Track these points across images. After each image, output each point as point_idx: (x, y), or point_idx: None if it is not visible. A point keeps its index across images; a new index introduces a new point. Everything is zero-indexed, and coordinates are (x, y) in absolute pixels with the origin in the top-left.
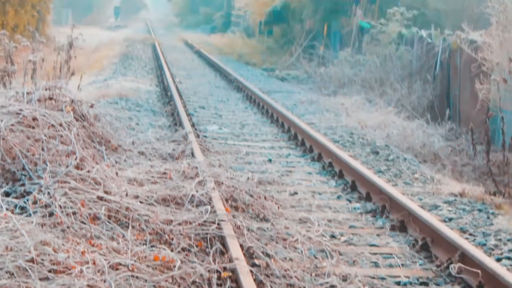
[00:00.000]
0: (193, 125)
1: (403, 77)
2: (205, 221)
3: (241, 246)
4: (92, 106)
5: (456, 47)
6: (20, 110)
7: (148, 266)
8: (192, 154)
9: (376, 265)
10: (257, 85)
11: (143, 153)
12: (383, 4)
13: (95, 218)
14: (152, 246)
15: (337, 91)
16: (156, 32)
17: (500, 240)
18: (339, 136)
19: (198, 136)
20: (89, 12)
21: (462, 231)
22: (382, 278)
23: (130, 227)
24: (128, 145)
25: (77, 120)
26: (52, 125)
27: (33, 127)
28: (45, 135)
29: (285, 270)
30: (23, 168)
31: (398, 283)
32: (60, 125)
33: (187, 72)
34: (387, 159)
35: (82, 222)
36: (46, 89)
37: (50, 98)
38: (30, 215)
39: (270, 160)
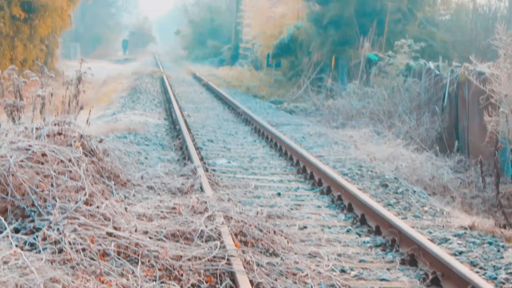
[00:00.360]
0: (201, 158)
1: (411, 109)
2: (214, 257)
3: (250, 281)
4: (101, 141)
5: (464, 79)
6: (30, 145)
7: None
8: (201, 189)
9: None
10: (266, 118)
11: (152, 187)
12: (390, 36)
13: (104, 255)
14: (161, 282)
15: (345, 124)
16: (164, 65)
17: (510, 273)
18: (348, 169)
19: (207, 170)
20: (98, 46)
21: (473, 264)
22: None
23: (139, 263)
24: (137, 180)
25: (86, 155)
26: (61, 161)
27: (42, 163)
28: (54, 171)
29: None
30: (33, 204)
31: None
32: (69, 160)
33: (195, 105)
34: (396, 192)
35: (92, 259)
36: (55, 124)
37: (59, 133)
38: (39, 251)
39: (279, 194)
